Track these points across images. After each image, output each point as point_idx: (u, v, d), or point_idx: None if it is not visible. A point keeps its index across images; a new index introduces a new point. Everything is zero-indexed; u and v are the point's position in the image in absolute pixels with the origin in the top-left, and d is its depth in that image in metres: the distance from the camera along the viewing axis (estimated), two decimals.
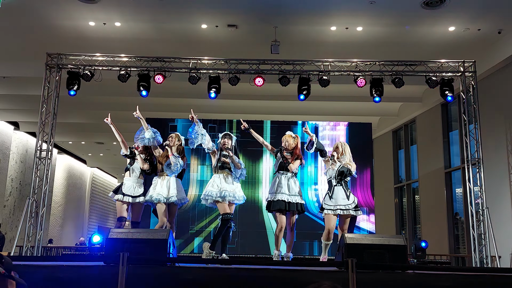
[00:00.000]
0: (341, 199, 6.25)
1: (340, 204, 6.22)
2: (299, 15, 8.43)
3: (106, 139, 17.18)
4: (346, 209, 6.22)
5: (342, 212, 6.22)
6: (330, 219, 6.26)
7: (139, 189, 6.75)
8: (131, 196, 6.66)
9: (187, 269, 4.60)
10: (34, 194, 8.09)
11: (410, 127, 13.69)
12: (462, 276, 4.52)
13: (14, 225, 15.07)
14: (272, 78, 8.97)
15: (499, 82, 9.65)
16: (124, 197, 6.63)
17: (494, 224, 7.90)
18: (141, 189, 6.76)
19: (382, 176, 14.13)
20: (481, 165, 8.27)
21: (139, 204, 6.74)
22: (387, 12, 8.28)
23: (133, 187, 6.72)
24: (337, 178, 6.34)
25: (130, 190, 6.69)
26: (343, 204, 6.22)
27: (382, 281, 4.33)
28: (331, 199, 6.29)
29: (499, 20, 8.53)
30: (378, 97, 8.77)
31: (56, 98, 8.52)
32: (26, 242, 7.92)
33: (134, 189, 6.71)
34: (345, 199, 6.25)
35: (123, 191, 6.70)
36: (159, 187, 6.54)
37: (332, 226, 6.24)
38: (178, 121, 11.18)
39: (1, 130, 14.36)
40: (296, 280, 4.28)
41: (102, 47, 9.27)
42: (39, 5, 8.23)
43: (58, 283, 4.21)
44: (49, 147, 8.38)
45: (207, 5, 8.17)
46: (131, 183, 6.76)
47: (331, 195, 6.31)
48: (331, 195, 6.31)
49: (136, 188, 6.73)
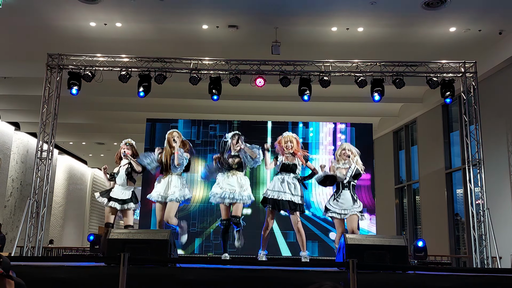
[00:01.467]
0: (348, 204, 6.24)
1: (347, 209, 6.22)
2: (300, 16, 8.43)
3: (107, 140, 17.20)
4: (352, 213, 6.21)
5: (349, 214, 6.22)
6: (340, 224, 6.27)
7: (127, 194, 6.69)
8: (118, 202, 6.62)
9: (188, 269, 4.60)
10: (35, 194, 8.09)
11: (411, 128, 13.68)
12: (463, 277, 4.51)
13: (14, 225, 15.08)
14: (273, 79, 8.98)
15: (500, 83, 9.65)
16: (110, 202, 6.61)
17: (494, 225, 7.89)
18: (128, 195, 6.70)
19: (382, 177, 14.12)
20: (481, 165, 8.27)
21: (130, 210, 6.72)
22: (388, 12, 8.28)
23: (121, 193, 6.69)
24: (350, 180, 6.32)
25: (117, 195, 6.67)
26: (350, 209, 6.22)
27: (382, 281, 4.33)
28: (338, 202, 6.27)
29: (500, 21, 8.53)
30: (379, 96, 8.77)
31: (57, 99, 8.53)
32: (26, 242, 7.93)
33: (122, 194, 6.68)
34: (352, 203, 6.25)
35: (111, 195, 6.68)
36: (159, 186, 6.55)
37: (343, 230, 6.25)
38: (179, 122, 11.18)
39: (2, 131, 14.37)
40: (296, 280, 4.28)
41: (103, 47, 9.27)
42: (40, 5, 8.23)
43: (59, 283, 4.21)
44: (49, 147, 8.38)
45: (208, 5, 8.17)
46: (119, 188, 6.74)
47: (337, 197, 6.29)
48: (337, 198, 6.29)
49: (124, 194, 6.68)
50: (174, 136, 6.64)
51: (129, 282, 3.60)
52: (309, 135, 10.88)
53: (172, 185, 6.50)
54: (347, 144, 6.61)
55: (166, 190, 6.47)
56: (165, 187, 6.50)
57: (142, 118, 11.80)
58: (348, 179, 6.33)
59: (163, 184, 6.53)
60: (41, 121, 8.42)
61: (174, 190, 6.46)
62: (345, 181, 6.33)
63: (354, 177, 6.34)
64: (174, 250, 5.37)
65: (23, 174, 15.76)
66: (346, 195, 6.29)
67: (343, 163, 6.43)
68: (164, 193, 6.47)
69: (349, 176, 6.32)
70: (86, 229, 21.86)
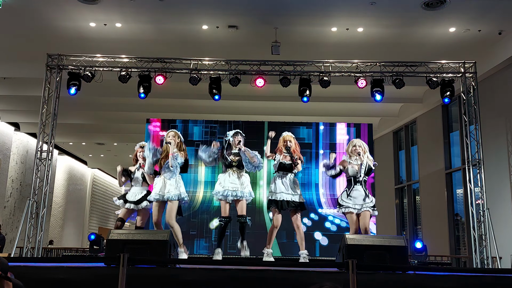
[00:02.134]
0: (361, 199, 6.28)
1: (360, 204, 6.27)
2: (300, 16, 8.42)
3: (107, 140, 17.19)
4: (364, 208, 6.25)
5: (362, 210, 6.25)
6: (353, 220, 6.30)
7: (142, 194, 6.77)
8: (133, 203, 6.68)
9: (188, 270, 4.60)
10: (35, 195, 8.09)
11: (410, 128, 13.68)
12: (463, 277, 4.51)
13: (14, 226, 15.07)
14: (273, 79, 8.98)
15: (499, 83, 9.64)
16: (126, 204, 6.67)
17: (494, 225, 7.89)
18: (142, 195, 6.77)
19: (382, 177, 14.11)
20: (481, 166, 8.27)
21: (145, 210, 6.78)
22: (388, 13, 8.28)
23: (135, 195, 6.75)
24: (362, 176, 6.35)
25: (132, 197, 6.74)
26: (362, 204, 6.26)
27: (382, 282, 4.33)
28: (350, 198, 6.31)
29: (500, 21, 8.53)
30: (380, 96, 8.77)
31: (56, 99, 8.53)
32: (26, 243, 7.92)
33: (135, 196, 6.73)
34: (365, 198, 6.29)
35: (127, 197, 6.79)
36: (156, 187, 6.58)
37: (356, 225, 6.28)
38: (178, 122, 11.17)
39: (2, 131, 14.36)
40: (296, 281, 4.28)
41: (103, 48, 9.27)
42: (39, 6, 8.23)
43: (58, 284, 4.20)
44: (49, 148, 8.38)
45: (208, 6, 8.17)
46: (135, 190, 6.82)
47: (349, 193, 6.33)
48: (350, 193, 6.33)
49: (137, 195, 6.75)
50: (168, 137, 6.64)
51: (128, 282, 3.59)
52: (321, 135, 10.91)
53: (168, 184, 6.51)
54: (358, 140, 6.62)
55: (163, 189, 6.49)
56: (162, 186, 6.52)
57: (142, 118, 11.80)
58: (362, 176, 6.38)
59: (159, 184, 6.56)
60: (40, 122, 8.41)
61: (169, 189, 6.48)
62: (360, 178, 6.38)
63: (366, 173, 6.40)
64: (174, 250, 5.37)
65: (22, 175, 15.75)
66: (359, 190, 6.35)
67: (355, 159, 6.48)
68: (160, 191, 6.49)
69: (363, 173, 6.38)
70: (86, 229, 21.85)
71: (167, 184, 6.50)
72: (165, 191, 6.47)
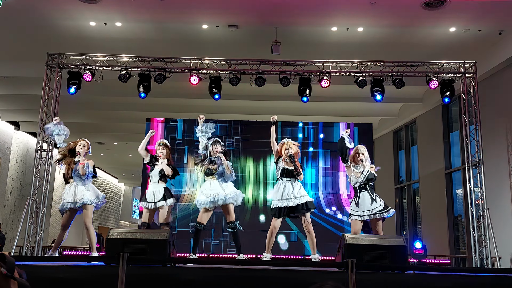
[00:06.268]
0: (367, 205, 6.26)
1: (367, 210, 6.24)
2: (300, 16, 8.42)
3: (107, 139, 17.18)
4: (372, 213, 6.22)
5: (369, 217, 6.23)
6: (355, 224, 6.29)
7: (159, 194, 6.78)
8: (153, 203, 6.71)
9: (187, 269, 4.59)
10: (35, 194, 8.09)
11: (410, 128, 13.68)
12: (462, 277, 4.51)
13: (14, 225, 15.08)
14: (273, 79, 8.98)
15: (499, 83, 9.64)
16: (148, 204, 6.72)
17: (494, 225, 7.89)
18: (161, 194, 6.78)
19: (382, 177, 14.08)
20: (481, 166, 8.27)
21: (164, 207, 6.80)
22: (388, 12, 8.28)
23: (153, 193, 6.76)
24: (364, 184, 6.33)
25: (151, 197, 6.76)
26: (370, 209, 6.23)
27: (382, 281, 4.32)
28: (358, 206, 6.30)
29: (500, 21, 8.52)
30: (381, 95, 8.77)
31: (56, 98, 8.53)
32: (26, 242, 7.93)
33: (154, 195, 6.75)
34: (372, 203, 6.26)
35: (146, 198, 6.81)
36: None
37: (357, 230, 6.26)
38: (178, 121, 11.17)
39: (2, 130, 14.36)
40: (296, 280, 4.28)
41: (103, 47, 9.27)
42: (39, 5, 8.23)
43: (58, 283, 4.20)
44: (49, 147, 8.39)
45: (208, 5, 8.17)
46: (152, 189, 6.82)
47: (357, 201, 6.32)
48: (357, 202, 6.32)
49: (156, 194, 6.76)
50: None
51: (128, 281, 3.59)
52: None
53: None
54: (362, 147, 6.56)
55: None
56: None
57: (142, 118, 11.80)
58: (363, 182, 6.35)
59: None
60: (40, 121, 8.41)
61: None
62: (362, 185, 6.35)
63: (368, 181, 6.36)
64: (174, 249, 5.36)
65: (22, 174, 15.76)
66: (365, 196, 6.33)
67: (357, 166, 6.45)
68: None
69: (361, 181, 6.35)
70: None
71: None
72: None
